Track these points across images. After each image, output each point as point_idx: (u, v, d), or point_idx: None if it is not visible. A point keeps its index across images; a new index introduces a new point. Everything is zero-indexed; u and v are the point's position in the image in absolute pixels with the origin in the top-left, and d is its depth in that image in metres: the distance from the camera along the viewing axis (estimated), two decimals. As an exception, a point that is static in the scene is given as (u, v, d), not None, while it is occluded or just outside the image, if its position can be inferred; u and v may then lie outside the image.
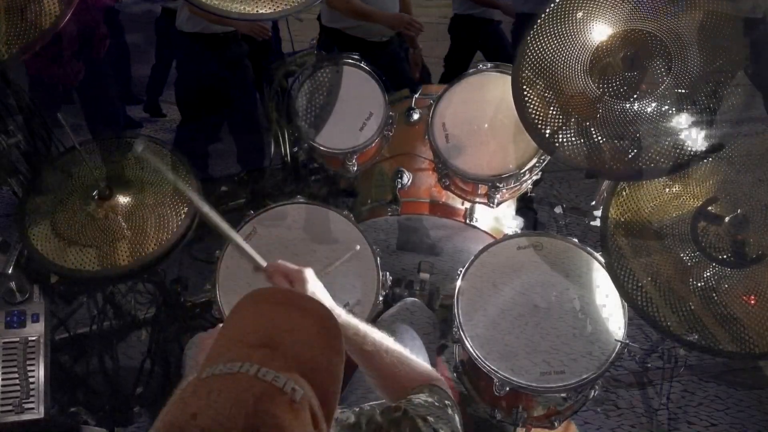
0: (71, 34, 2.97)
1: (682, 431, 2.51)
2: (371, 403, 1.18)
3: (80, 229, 2.00)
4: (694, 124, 1.66)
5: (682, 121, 1.68)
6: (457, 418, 1.16)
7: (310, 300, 0.98)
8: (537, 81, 1.85)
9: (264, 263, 1.37)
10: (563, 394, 1.85)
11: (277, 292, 1.02)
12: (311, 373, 0.82)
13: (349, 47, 2.64)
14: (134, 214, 2.01)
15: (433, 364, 1.77)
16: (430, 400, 1.16)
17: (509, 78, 1.93)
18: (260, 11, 1.88)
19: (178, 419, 0.76)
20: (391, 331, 1.52)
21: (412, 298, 2.13)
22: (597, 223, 2.14)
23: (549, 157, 2.05)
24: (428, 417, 1.09)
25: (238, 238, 1.42)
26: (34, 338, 1.97)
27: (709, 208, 1.79)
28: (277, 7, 1.91)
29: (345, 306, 1.84)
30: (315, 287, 1.33)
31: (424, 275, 2.25)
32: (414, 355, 1.35)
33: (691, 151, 1.67)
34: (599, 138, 1.75)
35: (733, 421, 2.55)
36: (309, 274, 1.34)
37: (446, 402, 1.18)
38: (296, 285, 1.31)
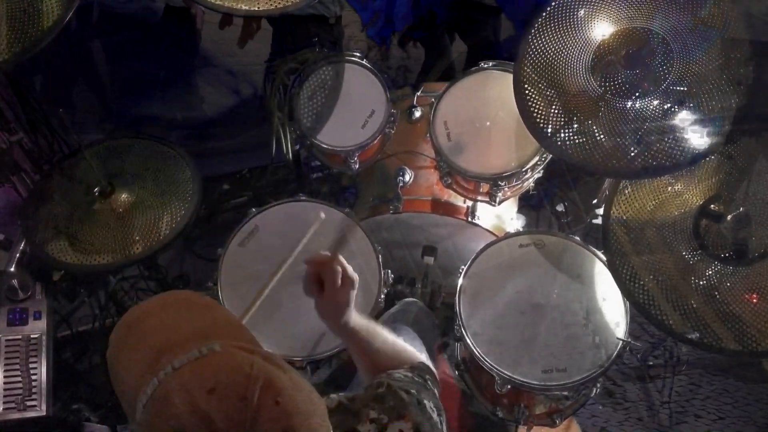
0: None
1: (690, 425, 2.52)
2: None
3: (82, 226, 2.00)
4: (697, 122, 1.66)
5: (684, 119, 1.68)
6: (437, 393, 1.17)
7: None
8: (539, 79, 1.85)
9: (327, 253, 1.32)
10: (565, 392, 1.85)
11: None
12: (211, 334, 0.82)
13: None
14: (135, 213, 2.02)
15: (434, 362, 1.77)
16: (409, 374, 1.17)
17: (511, 76, 1.93)
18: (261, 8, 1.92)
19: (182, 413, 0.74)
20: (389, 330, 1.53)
21: (412, 299, 2.14)
22: (599, 221, 2.14)
23: (551, 155, 2.05)
24: (411, 390, 1.10)
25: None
26: (36, 336, 1.98)
27: (712, 206, 1.79)
28: (278, 4, 1.93)
29: None
30: (353, 296, 1.31)
31: (428, 259, 2.26)
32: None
33: (693, 149, 1.66)
34: (601, 136, 1.75)
35: (741, 414, 2.56)
36: (357, 282, 1.31)
37: (426, 377, 1.19)
38: (346, 287, 1.28)
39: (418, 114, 2.34)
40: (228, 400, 0.74)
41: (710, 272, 1.78)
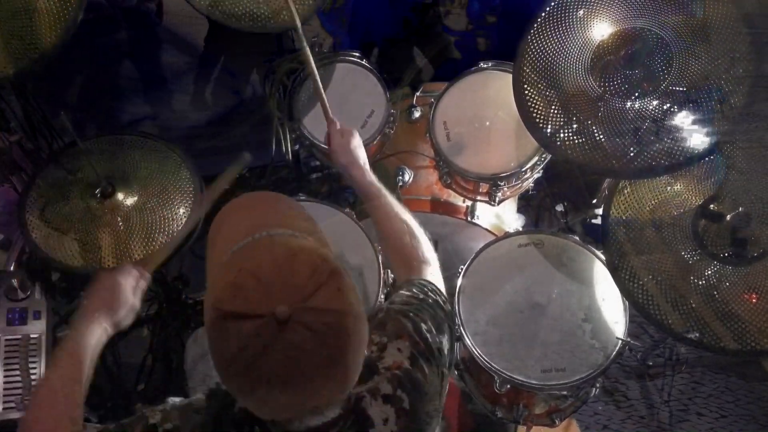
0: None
1: (692, 423, 2.53)
2: None
3: (82, 226, 2.00)
4: (696, 122, 1.66)
5: (683, 119, 1.68)
6: (441, 307, 1.24)
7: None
8: (538, 79, 1.85)
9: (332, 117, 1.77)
10: (564, 392, 1.85)
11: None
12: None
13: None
14: (136, 213, 2.01)
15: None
16: (408, 293, 1.24)
17: (510, 76, 1.93)
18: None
19: (238, 280, 0.86)
20: None
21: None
22: (598, 221, 2.14)
23: (550, 155, 2.05)
24: (408, 312, 1.18)
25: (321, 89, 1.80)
26: (35, 336, 1.98)
27: (711, 206, 1.79)
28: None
29: None
30: (356, 142, 1.68)
31: None
32: None
33: (692, 149, 1.66)
34: (600, 136, 1.75)
35: (743, 412, 2.57)
36: (356, 136, 1.69)
37: (428, 294, 1.25)
38: (345, 135, 1.67)
39: (417, 114, 2.34)
40: (301, 266, 0.87)
41: (709, 272, 1.78)
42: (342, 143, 1.65)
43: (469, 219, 2.22)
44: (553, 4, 1.84)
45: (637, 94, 1.72)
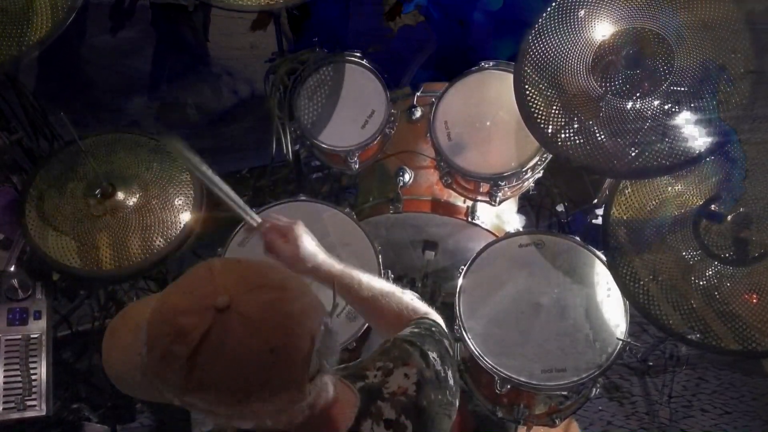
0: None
1: (696, 419, 2.54)
2: None
3: (82, 226, 2.00)
4: (697, 122, 1.66)
5: (684, 119, 1.68)
6: (445, 343, 1.22)
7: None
8: (539, 79, 1.85)
9: (258, 220, 1.38)
10: (564, 392, 1.85)
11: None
12: None
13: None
14: (136, 213, 2.01)
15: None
16: (416, 330, 1.22)
17: (511, 76, 1.93)
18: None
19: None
20: None
21: (410, 291, 2.13)
22: (599, 221, 2.14)
23: (551, 155, 2.05)
24: (415, 342, 1.16)
25: (233, 195, 1.37)
26: (36, 335, 1.98)
27: (712, 206, 1.79)
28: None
29: (345, 308, 1.84)
30: (306, 240, 1.35)
31: (429, 254, 2.26)
32: None
33: (693, 149, 1.66)
34: (601, 136, 1.75)
35: (747, 408, 2.57)
36: (300, 227, 1.36)
37: (432, 329, 1.23)
38: (290, 238, 1.34)
39: (418, 114, 2.34)
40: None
41: (710, 272, 1.78)
42: (291, 249, 1.32)
43: (469, 219, 2.22)
44: (554, 3, 1.84)
45: (638, 95, 1.72)
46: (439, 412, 1.12)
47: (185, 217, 2.01)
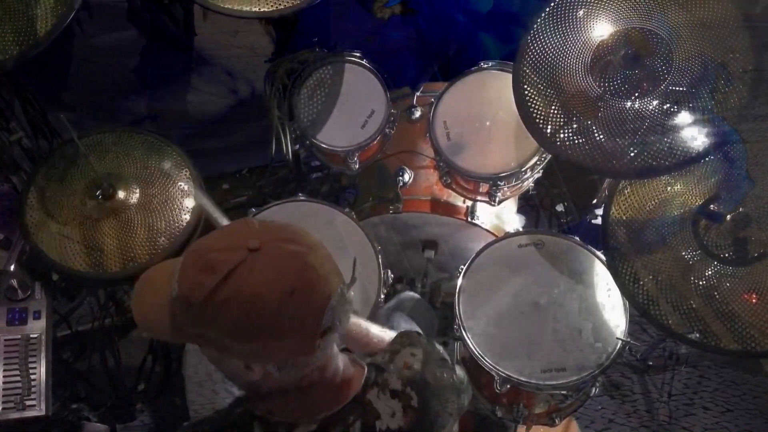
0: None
1: (698, 417, 2.54)
2: None
3: (82, 227, 1.99)
4: (696, 122, 1.66)
5: (683, 119, 1.68)
6: (438, 348, 1.23)
7: None
8: (538, 79, 1.85)
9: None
10: (564, 392, 1.85)
11: None
12: None
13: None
14: (136, 214, 2.01)
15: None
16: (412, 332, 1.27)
17: (510, 76, 1.93)
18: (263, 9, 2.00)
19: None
20: (387, 320, 1.64)
21: (410, 293, 2.13)
22: (598, 221, 2.14)
23: (550, 155, 2.05)
24: (419, 332, 1.25)
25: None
26: (35, 335, 1.98)
27: (711, 206, 1.79)
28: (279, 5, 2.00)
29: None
30: None
31: (429, 253, 2.26)
32: None
33: (692, 149, 1.66)
34: (600, 136, 1.75)
35: (749, 406, 2.57)
36: None
37: (421, 340, 1.25)
38: None
39: (417, 114, 2.34)
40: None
41: (710, 272, 1.77)
42: None
43: (469, 219, 2.22)
44: (553, 3, 1.84)
45: (637, 94, 1.72)
46: (445, 390, 1.15)
47: (187, 216, 2.01)
